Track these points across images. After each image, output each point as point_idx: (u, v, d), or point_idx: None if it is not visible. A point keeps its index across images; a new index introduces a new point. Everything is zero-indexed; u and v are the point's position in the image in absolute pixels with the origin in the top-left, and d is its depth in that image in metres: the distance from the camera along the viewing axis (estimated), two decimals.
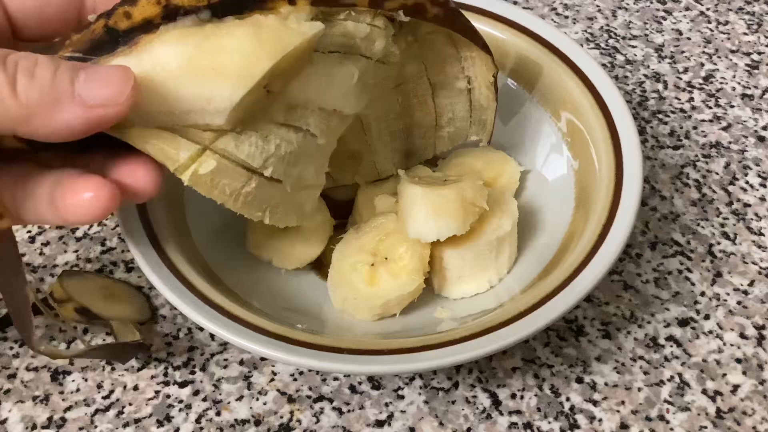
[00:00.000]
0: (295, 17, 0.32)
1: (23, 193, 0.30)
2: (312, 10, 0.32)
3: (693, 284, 0.44)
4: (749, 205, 0.48)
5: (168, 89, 0.29)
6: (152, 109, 0.30)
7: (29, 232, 0.46)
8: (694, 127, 0.52)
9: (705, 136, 0.52)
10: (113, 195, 0.29)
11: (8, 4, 0.31)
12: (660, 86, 0.55)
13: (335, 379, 0.40)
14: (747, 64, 0.57)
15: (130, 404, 0.39)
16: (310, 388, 0.40)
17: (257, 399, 0.39)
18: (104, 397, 0.39)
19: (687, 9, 0.61)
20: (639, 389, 0.39)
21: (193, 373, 0.40)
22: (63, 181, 0.30)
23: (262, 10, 0.31)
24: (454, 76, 0.42)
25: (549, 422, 0.38)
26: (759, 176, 0.49)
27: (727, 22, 0.60)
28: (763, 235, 0.46)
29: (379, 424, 0.38)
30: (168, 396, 0.39)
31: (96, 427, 0.38)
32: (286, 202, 0.36)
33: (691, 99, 0.54)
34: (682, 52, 0.58)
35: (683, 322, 0.42)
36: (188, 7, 0.30)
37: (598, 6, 0.61)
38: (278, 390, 0.39)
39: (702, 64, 0.57)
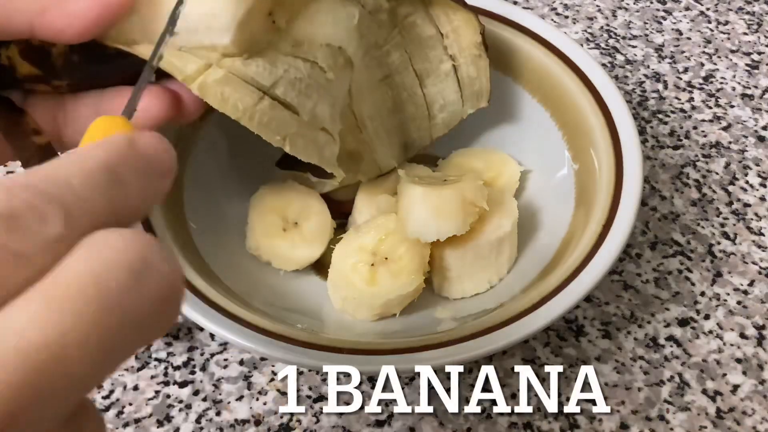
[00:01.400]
0: None
1: (64, 114, 0.32)
2: None
3: (693, 284, 0.44)
4: (749, 205, 0.48)
5: (174, 4, 0.30)
6: (159, 27, 0.30)
7: None
8: (694, 127, 0.52)
9: (705, 136, 0.52)
10: (173, 101, 0.30)
11: None
12: (660, 86, 0.55)
13: (335, 379, 0.40)
14: (747, 64, 0.57)
15: (130, 404, 0.39)
16: (310, 388, 0.40)
17: (257, 399, 0.39)
18: (104, 397, 0.39)
19: (687, 9, 0.61)
20: (639, 389, 0.39)
21: (193, 373, 0.40)
22: (107, 94, 0.31)
23: None
24: (438, 60, 0.43)
25: (549, 422, 0.38)
26: (759, 176, 0.49)
27: (727, 22, 0.60)
28: (763, 235, 0.46)
29: (379, 424, 0.38)
30: (168, 396, 0.39)
31: None
32: (304, 134, 0.35)
33: (691, 99, 0.54)
34: (682, 52, 0.58)
35: (683, 322, 0.42)
36: None
37: (598, 6, 0.61)
38: (278, 390, 0.39)
39: (702, 64, 0.57)
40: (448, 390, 0.39)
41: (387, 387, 0.39)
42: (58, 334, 0.15)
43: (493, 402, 0.39)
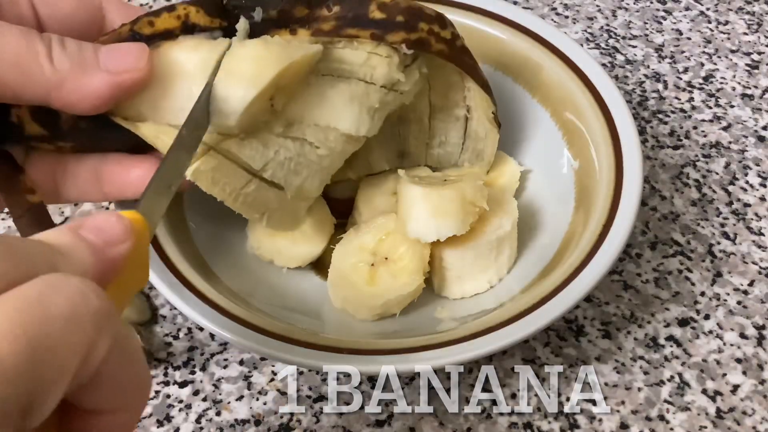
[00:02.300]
0: (297, 40, 0.35)
1: (63, 173, 0.34)
2: (311, 39, 0.35)
3: (693, 284, 0.44)
4: (749, 205, 0.48)
5: (185, 87, 0.32)
6: (168, 104, 0.32)
7: None
8: (694, 127, 0.52)
9: (705, 136, 0.52)
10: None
11: (41, 12, 0.33)
12: (660, 86, 0.55)
13: (335, 379, 0.40)
14: (747, 64, 0.57)
15: None
16: (310, 388, 0.40)
17: (257, 399, 0.39)
18: None
19: (687, 9, 0.61)
20: (639, 389, 0.39)
21: (193, 373, 0.40)
22: (109, 160, 0.33)
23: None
24: (455, 103, 0.43)
25: (549, 422, 0.38)
26: (759, 176, 0.49)
27: (727, 22, 0.60)
28: (763, 235, 0.46)
29: (379, 424, 0.38)
30: (168, 396, 0.39)
31: None
32: (284, 208, 0.37)
33: (691, 99, 0.54)
34: (682, 52, 0.58)
35: (683, 322, 0.42)
36: (203, 26, 0.34)
37: (598, 6, 0.61)
38: (278, 390, 0.39)
39: (702, 64, 0.57)
40: (448, 390, 0.39)
41: (387, 387, 0.39)
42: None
43: (493, 402, 0.39)
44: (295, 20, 0.35)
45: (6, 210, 0.33)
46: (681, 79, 0.56)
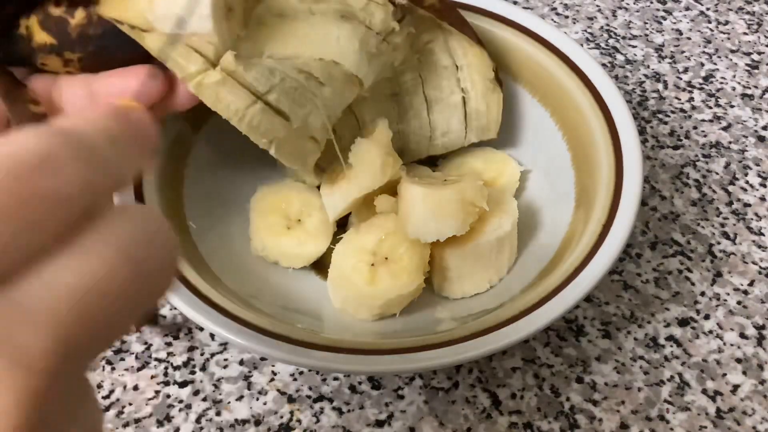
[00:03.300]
0: None
1: (59, 93, 0.34)
2: None
3: (693, 284, 0.44)
4: (749, 205, 0.48)
5: None
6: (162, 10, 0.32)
7: None
8: (694, 127, 0.52)
9: (705, 136, 0.52)
10: (167, 85, 0.33)
11: None
12: (660, 86, 0.55)
13: (335, 379, 0.40)
14: (747, 64, 0.57)
15: (130, 404, 0.39)
16: (310, 388, 0.40)
17: (257, 399, 0.39)
18: (104, 397, 0.39)
19: (687, 9, 0.61)
20: (639, 389, 0.39)
21: (193, 373, 0.40)
22: (100, 75, 0.33)
23: None
24: (449, 90, 0.43)
25: (549, 422, 0.38)
26: (759, 176, 0.49)
27: (727, 22, 0.60)
28: (763, 235, 0.46)
29: (379, 424, 0.38)
30: (168, 396, 0.39)
31: None
32: (292, 140, 0.37)
33: (691, 99, 0.54)
34: (682, 52, 0.58)
35: (683, 322, 0.42)
36: None
37: (598, 6, 0.61)
38: (278, 390, 0.39)
39: (702, 64, 0.57)
40: (448, 390, 0.39)
41: (387, 387, 0.39)
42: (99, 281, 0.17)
43: (494, 402, 0.39)
44: None
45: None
46: (681, 79, 0.56)
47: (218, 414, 0.39)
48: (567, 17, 0.60)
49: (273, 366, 0.40)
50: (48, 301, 0.16)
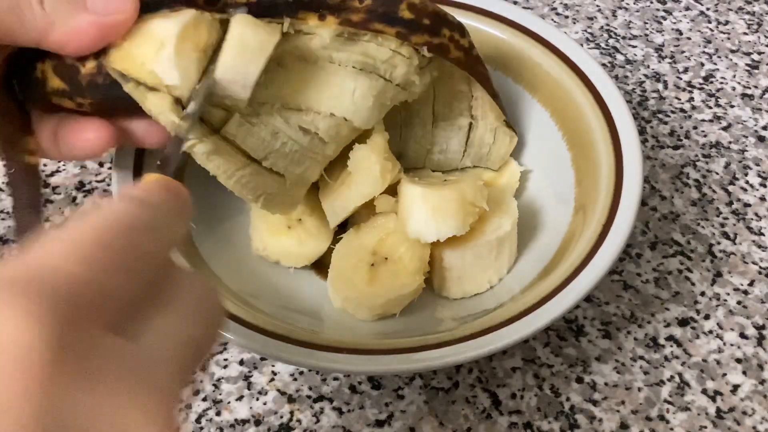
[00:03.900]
0: (324, 27, 0.35)
1: (65, 133, 0.35)
2: (338, 28, 0.35)
3: (693, 284, 0.44)
4: (749, 205, 0.48)
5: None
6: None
7: None
8: (694, 127, 0.52)
9: (705, 136, 0.52)
10: (112, 135, 0.34)
11: None
12: (660, 86, 0.55)
13: (335, 379, 0.40)
14: (747, 64, 0.57)
15: None
16: (310, 388, 0.40)
17: (257, 399, 0.39)
18: None
19: (687, 9, 0.61)
20: (639, 389, 0.39)
21: (193, 372, 0.40)
22: (67, 120, 0.35)
23: (293, 18, 0.35)
24: (459, 112, 0.44)
25: (549, 422, 0.38)
26: (759, 176, 0.49)
27: (727, 22, 0.60)
28: (763, 235, 0.46)
29: (379, 424, 0.38)
30: None
31: None
32: (282, 193, 0.37)
33: (691, 99, 0.54)
34: (682, 52, 0.58)
35: (683, 322, 0.42)
36: (230, 2, 0.34)
37: (598, 6, 0.61)
38: (278, 390, 0.39)
39: (702, 64, 0.57)
40: (448, 390, 0.39)
41: (387, 387, 0.39)
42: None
43: (494, 402, 0.39)
44: (327, 6, 0.35)
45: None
46: (681, 79, 0.56)
47: (218, 414, 0.39)
48: (567, 17, 0.60)
49: (273, 366, 0.40)
50: (163, 349, 0.20)
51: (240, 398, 0.39)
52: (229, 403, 0.39)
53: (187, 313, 0.21)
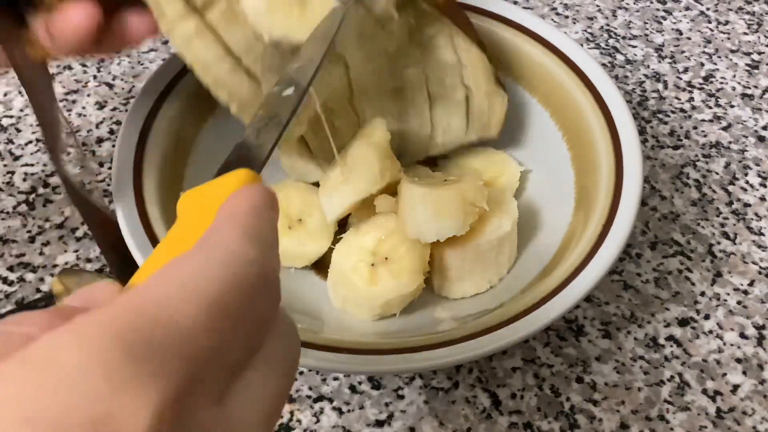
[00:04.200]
0: None
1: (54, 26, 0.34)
2: None
3: (693, 284, 0.44)
4: (749, 205, 0.48)
5: None
6: None
7: (29, 232, 0.46)
8: (694, 127, 0.52)
9: (705, 136, 0.52)
10: (98, 12, 0.32)
11: None
12: (660, 86, 0.55)
13: (335, 379, 0.40)
14: (747, 64, 0.57)
15: None
16: (310, 388, 0.40)
17: None
18: None
19: (687, 9, 0.61)
20: (639, 389, 0.39)
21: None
22: (55, 9, 0.33)
23: None
24: (452, 87, 0.43)
25: (549, 422, 0.38)
26: (759, 176, 0.49)
27: (727, 22, 0.60)
28: (763, 235, 0.46)
29: (379, 424, 0.38)
30: None
31: None
32: (256, 105, 0.36)
33: (691, 99, 0.54)
34: (682, 52, 0.58)
35: (683, 322, 0.42)
36: None
37: (598, 6, 0.61)
38: None
39: (702, 64, 0.57)
40: (447, 390, 0.39)
41: (387, 387, 0.39)
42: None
43: (494, 402, 0.39)
44: None
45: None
46: (681, 79, 0.56)
47: None
48: (567, 17, 0.60)
49: None
50: (254, 413, 0.18)
51: None
52: None
53: (278, 365, 0.20)
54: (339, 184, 0.40)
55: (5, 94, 0.53)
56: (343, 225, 0.44)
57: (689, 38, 0.59)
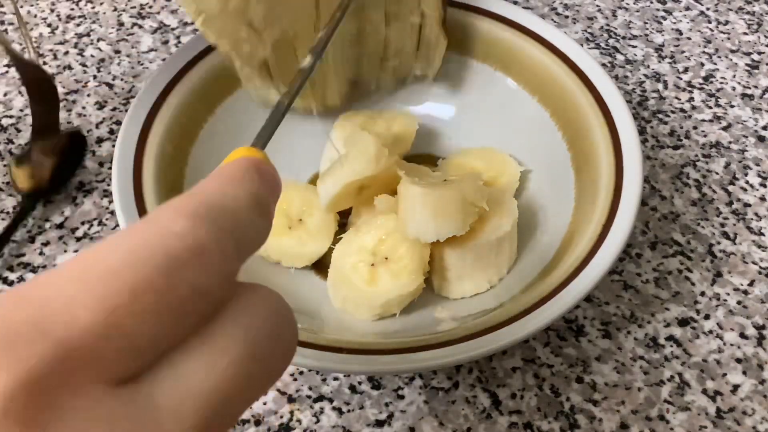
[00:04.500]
0: None
1: None
2: None
3: (693, 284, 0.44)
4: (749, 205, 0.48)
5: None
6: None
7: (29, 231, 0.46)
8: (694, 127, 0.52)
9: (705, 136, 0.52)
10: None
11: None
12: (660, 86, 0.55)
13: (335, 379, 0.40)
14: (747, 64, 0.57)
15: None
16: (310, 388, 0.40)
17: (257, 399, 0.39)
18: None
19: (687, 9, 0.61)
20: (639, 389, 0.39)
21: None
22: None
23: None
24: (409, 10, 0.44)
25: (549, 422, 0.38)
26: (759, 176, 0.49)
27: (727, 22, 0.60)
28: (763, 235, 0.46)
29: (379, 424, 0.38)
30: None
31: None
32: (224, 20, 0.37)
33: (691, 99, 0.54)
34: (682, 52, 0.58)
35: (683, 322, 0.42)
36: None
37: (598, 6, 0.61)
38: (278, 390, 0.39)
39: (702, 64, 0.57)
40: (447, 390, 0.39)
41: (387, 387, 0.39)
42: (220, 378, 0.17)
43: (494, 402, 0.39)
44: None
45: None
46: (681, 79, 0.56)
47: None
48: (567, 17, 0.60)
49: None
50: (178, 401, 0.16)
51: None
52: None
53: (233, 347, 0.17)
54: (334, 168, 0.40)
55: (5, 94, 0.53)
56: (343, 225, 0.44)
57: (689, 38, 0.59)
